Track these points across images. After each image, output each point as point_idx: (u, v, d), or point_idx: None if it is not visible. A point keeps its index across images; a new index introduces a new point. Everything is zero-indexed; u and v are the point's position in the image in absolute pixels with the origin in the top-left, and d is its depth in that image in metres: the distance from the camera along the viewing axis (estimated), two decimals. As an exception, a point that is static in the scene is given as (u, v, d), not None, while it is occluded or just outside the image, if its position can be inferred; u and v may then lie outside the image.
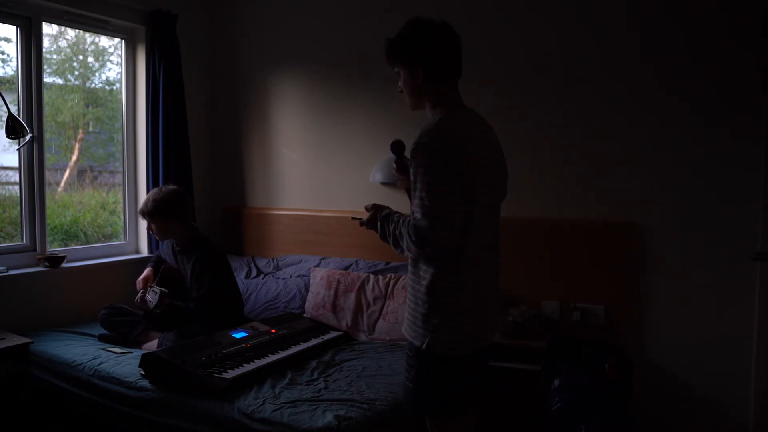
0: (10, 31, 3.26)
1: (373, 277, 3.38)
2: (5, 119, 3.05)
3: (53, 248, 3.46)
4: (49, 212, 3.43)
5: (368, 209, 2.06)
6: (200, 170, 4.10)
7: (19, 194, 3.32)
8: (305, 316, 3.36)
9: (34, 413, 2.88)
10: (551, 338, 3.04)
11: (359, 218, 2.09)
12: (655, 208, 3.00)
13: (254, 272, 3.80)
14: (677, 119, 2.95)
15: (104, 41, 3.84)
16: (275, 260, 3.88)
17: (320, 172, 3.88)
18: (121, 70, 3.85)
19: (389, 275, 3.36)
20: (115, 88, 3.91)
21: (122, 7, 3.61)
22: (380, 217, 2.00)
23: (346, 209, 3.77)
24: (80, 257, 3.54)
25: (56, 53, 3.65)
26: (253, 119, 4.11)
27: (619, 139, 3.06)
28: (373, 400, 2.35)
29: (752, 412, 2.82)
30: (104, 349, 2.93)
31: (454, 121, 1.93)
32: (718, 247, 2.88)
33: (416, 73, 1.96)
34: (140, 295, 3.05)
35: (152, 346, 2.95)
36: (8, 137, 3.09)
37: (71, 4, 3.38)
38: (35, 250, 3.34)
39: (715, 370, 2.90)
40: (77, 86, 3.79)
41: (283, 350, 2.80)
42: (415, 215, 1.85)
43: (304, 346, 2.91)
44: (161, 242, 3.44)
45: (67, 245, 3.61)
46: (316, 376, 2.61)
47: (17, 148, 3.23)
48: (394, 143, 2.09)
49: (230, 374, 2.47)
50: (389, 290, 3.29)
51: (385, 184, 3.58)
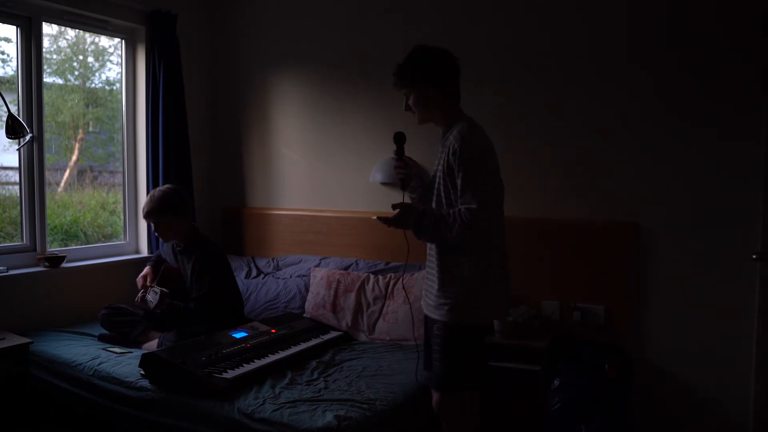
0: (10, 31, 3.26)
1: (373, 277, 3.38)
2: (5, 119, 3.05)
3: (53, 248, 3.46)
4: (49, 212, 3.43)
5: (395, 208, 2.19)
6: (200, 170, 4.10)
7: (19, 194, 3.32)
8: (305, 316, 3.36)
9: (34, 413, 2.88)
10: (551, 338, 3.05)
11: (384, 217, 2.18)
12: (655, 208, 3.00)
13: (254, 272, 3.80)
14: (677, 119, 2.94)
15: (104, 41, 3.84)
16: (275, 260, 3.88)
17: (320, 172, 3.88)
18: (121, 70, 3.85)
19: (389, 275, 3.36)
20: (115, 88, 3.91)
21: (122, 7, 3.61)
22: (416, 214, 2.15)
23: (346, 209, 3.77)
24: (80, 257, 3.54)
25: (56, 53, 3.65)
26: (253, 119, 4.11)
27: (619, 139, 3.06)
28: (373, 400, 2.35)
29: (752, 412, 2.82)
30: (104, 349, 2.93)
31: (479, 128, 2.22)
32: (718, 247, 2.88)
33: (429, 89, 2.21)
34: (141, 295, 3.06)
35: (152, 346, 2.95)
36: (8, 137, 3.09)
37: (71, 4, 3.38)
38: (35, 250, 3.34)
39: (715, 370, 2.90)
40: (77, 86, 3.79)
41: (283, 350, 2.80)
42: (465, 203, 2.08)
43: (304, 346, 2.91)
44: (162, 242, 3.43)
45: (67, 245, 3.61)
46: (316, 376, 2.61)
47: (17, 148, 3.23)
48: (397, 134, 2.29)
49: (230, 374, 2.47)
50: (389, 290, 3.29)
51: (385, 184, 3.58)
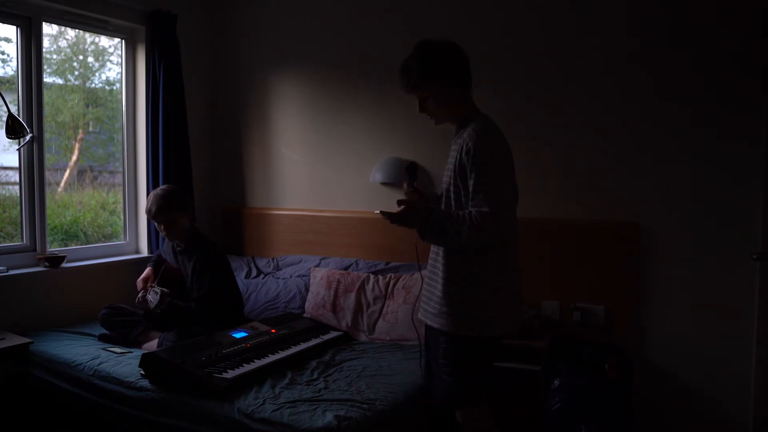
0: (10, 31, 3.26)
1: (373, 277, 3.38)
2: (5, 119, 3.05)
3: (53, 248, 3.46)
4: (49, 212, 3.43)
5: (401, 204, 2.06)
6: (200, 170, 4.10)
7: (19, 194, 3.32)
8: (305, 316, 3.36)
9: (34, 413, 2.88)
10: (551, 338, 3.04)
11: (388, 212, 2.06)
12: (655, 208, 3.00)
13: (254, 272, 3.80)
14: (677, 119, 2.94)
15: (104, 41, 3.84)
16: (275, 260, 3.88)
17: (320, 172, 3.88)
18: (121, 70, 3.85)
19: (389, 275, 3.36)
20: (115, 88, 3.91)
21: (122, 7, 3.61)
22: (422, 213, 2.01)
23: (346, 209, 3.77)
24: (80, 257, 3.54)
25: (56, 53, 3.65)
26: (253, 119, 4.11)
27: (619, 139, 3.06)
28: (373, 400, 2.35)
29: (752, 412, 2.82)
30: (104, 349, 2.93)
31: (494, 126, 2.08)
32: (718, 247, 2.88)
33: (443, 88, 2.07)
34: (141, 295, 3.06)
35: (152, 346, 2.95)
36: (8, 137, 3.09)
37: (71, 4, 3.38)
38: (35, 250, 3.34)
39: (715, 370, 2.90)
40: (77, 86, 3.79)
41: (283, 350, 2.80)
42: (475, 207, 1.94)
43: (304, 346, 2.91)
44: (162, 242, 3.43)
45: (67, 245, 3.61)
46: (316, 376, 2.61)
47: (17, 148, 3.23)
48: (409, 166, 2.20)
49: (230, 374, 2.47)
50: (389, 290, 3.29)
51: (385, 184, 3.58)
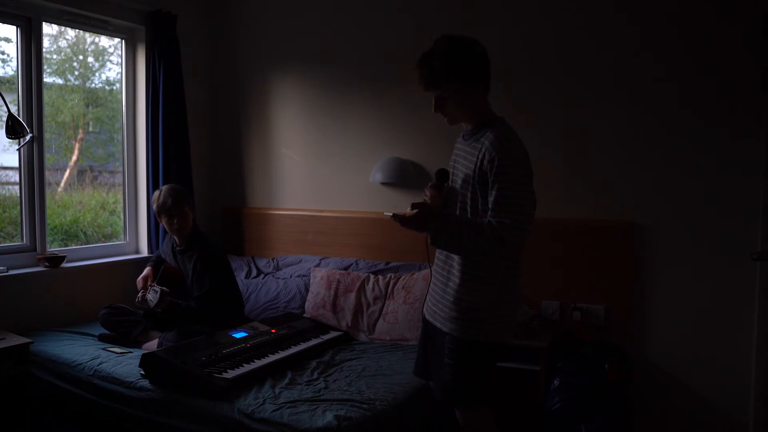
0: (10, 31, 3.26)
1: (373, 277, 3.38)
2: (5, 119, 3.05)
3: (53, 248, 3.46)
4: (49, 212, 3.43)
5: (415, 207, 1.99)
6: (200, 170, 4.10)
7: (19, 194, 3.32)
8: (305, 316, 3.36)
9: (34, 413, 2.88)
10: (551, 338, 3.05)
11: (399, 215, 1.99)
12: (654, 208, 3.00)
13: (254, 272, 3.80)
14: (677, 119, 2.95)
15: (104, 41, 3.84)
16: (275, 260, 3.88)
17: (320, 172, 3.88)
18: (121, 70, 3.85)
19: (389, 275, 3.36)
20: (115, 88, 3.91)
21: (122, 7, 3.61)
22: (437, 219, 1.97)
23: (346, 209, 3.77)
24: (80, 257, 3.54)
25: (56, 53, 3.65)
26: (253, 119, 4.11)
27: (619, 139, 3.06)
28: (373, 400, 2.35)
29: (752, 411, 2.82)
30: (104, 349, 2.93)
31: (515, 133, 1.99)
32: (718, 246, 2.89)
33: (476, 88, 1.98)
34: (141, 294, 3.06)
35: (152, 346, 2.95)
36: (8, 137, 3.09)
37: (71, 4, 3.38)
38: (35, 250, 3.34)
39: (715, 369, 2.90)
40: (77, 86, 3.79)
41: (283, 350, 2.80)
42: (496, 218, 1.88)
43: (304, 346, 2.91)
44: (161, 242, 3.43)
45: (67, 245, 3.61)
46: (316, 376, 2.61)
47: (17, 148, 3.23)
48: (443, 171, 2.12)
49: (230, 374, 2.47)
50: (389, 290, 3.29)
51: (385, 184, 3.58)
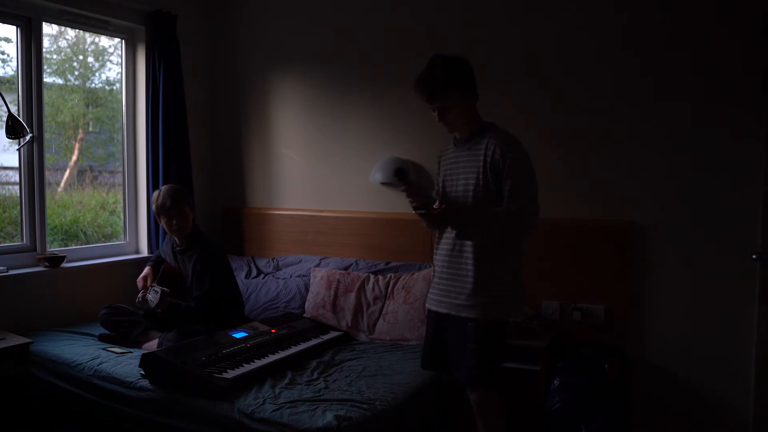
0: (10, 31, 3.26)
1: (373, 277, 3.38)
2: (5, 119, 3.05)
3: (53, 248, 3.46)
4: (49, 212, 3.43)
5: (438, 207, 2.25)
6: (200, 170, 4.10)
7: (19, 194, 3.32)
8: (305, 316, 3.36)
9: (34, 413, 2.88)
10: (551, 338, 3.04)
11: (428, 213, 2.25)
12: (654, 208, 3.00)
13: (254, 272, 3.80)
14: (677, 119, 2.94)
15: (104, 41, 3.84)
16: (275, 260, 3.88)
17: (320, 172, 3.88)
18: (121, 70, 3.85)
19: (389, 275, 3.36)
20: (115, 88, 3.91)
21: (122, 7, 3.61)
22: (462, 211, 2.24)
23: (346, 209, 3.77)
24: (80, 257, 3.54)
25: (56, 53, 3.65)
26: (253, 119, 4.11)
27: (619, 139, 3.06)
28: (373, 400, 2.35)
29: (752, 411, 2.82)
30: (104, 349, 2.93)
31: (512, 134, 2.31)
32: (718, 247, 2.88)
33: (472, 97, 2.31)
34: (141, 294, 3.06)
35: (152, 346, 2.95)
36: (8, 137, 3.09)
37: (71, 4, 3.38)
38: (35, 250, 3.34)
39: (715, 369, 2.90)
40: (77, 86, 3.79)
41: (283, 350, 2.80)
42: (516, 204, 2.18)
43: (304, 346, 2.91)
44: (161, 242, 3.43)
45: (67, 245, 3.61)
46: (316, 376, 2.61)
47: (17, 148, 3.23)
48: (397, 171, 2.37)
49: (230, 374, 2.47)
50: (389, 290, 3.29)
51: (385, 184, 3.58)
